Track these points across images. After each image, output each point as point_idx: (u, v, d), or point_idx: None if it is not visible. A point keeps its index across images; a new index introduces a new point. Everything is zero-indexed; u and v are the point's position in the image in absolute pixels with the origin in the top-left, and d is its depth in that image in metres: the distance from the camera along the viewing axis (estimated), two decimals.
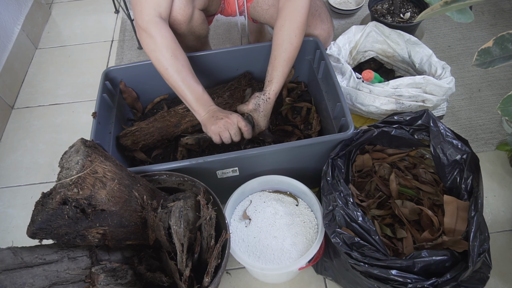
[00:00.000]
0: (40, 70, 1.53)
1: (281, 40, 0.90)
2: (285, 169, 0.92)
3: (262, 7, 1.06)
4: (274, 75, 0.91)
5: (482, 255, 0.65)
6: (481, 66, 0.59)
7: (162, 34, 0.84)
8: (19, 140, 1.32)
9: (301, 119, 1.10)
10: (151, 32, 0.84)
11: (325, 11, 1.07)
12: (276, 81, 0.91)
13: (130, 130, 1.00)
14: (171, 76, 0.86)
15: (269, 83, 0.92)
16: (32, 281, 0.60)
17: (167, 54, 0.84)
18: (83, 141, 0.63)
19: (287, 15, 0.90)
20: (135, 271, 0.72)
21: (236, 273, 0.99)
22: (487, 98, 1.28)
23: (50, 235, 0.59)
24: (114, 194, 0.64)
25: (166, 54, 0.84)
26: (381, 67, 1.25)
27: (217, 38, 1.57)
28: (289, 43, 0.90)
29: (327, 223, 0.76)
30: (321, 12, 1.05)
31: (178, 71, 0.85)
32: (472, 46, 1.44)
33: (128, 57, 1.53)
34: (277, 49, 0.91)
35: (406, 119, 0.84)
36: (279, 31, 0.91)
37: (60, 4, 1.81)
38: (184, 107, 1.02)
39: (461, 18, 0.59)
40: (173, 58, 0.85)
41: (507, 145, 1.14)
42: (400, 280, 0.65)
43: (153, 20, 0.84)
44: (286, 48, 0.90)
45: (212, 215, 0.73)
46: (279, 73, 0.91)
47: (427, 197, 0.89)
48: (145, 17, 0.83)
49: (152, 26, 0.84)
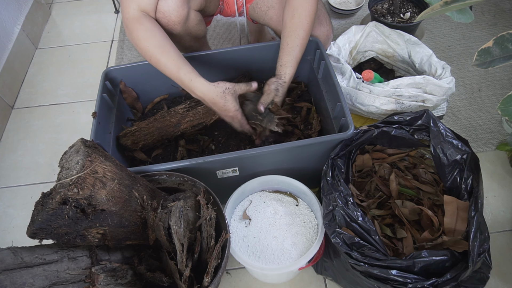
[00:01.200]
0: (40, 70, 1.53)
1: (294, 27, 0.90)
2: (285, 169, 0.92)
3: (262, 9, 1.06)
4: (288, 59, 0.91)
5: (482, 255, 0.65)
6: (481, 66, 0.59)
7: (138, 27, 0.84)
8: (19, 140, 1.32)
9: (301, 119, 1.09)
10: (130, 27, 0.84)
11: (324, 14, 1.07)
12: (290, 65, 0.91)
13: (130, 130, 1.00)
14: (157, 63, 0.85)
15: (282, 67, 0.92)
16: (32, 281, 0.60)
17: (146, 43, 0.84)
18: (83, 141, 0.63)
19: (298, 4, 0.90)
20: (135, 271, 0.72)
21: (236, 273, 0.99)
22: (487, 98, 1.28)
23: (50, 235, 0.59)
24: (114, 194, 0.64)
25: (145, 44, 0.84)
26: (381, 67, 1.25)
27: (217, 38, 1.57)
28: (301, 29, 0.90)
29: (327, 223, 0.76)
30: (320, 14, 1.05)
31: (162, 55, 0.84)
32: (472, 46, 1.44)
33: (128, 57, 1.53)
34: (289, 35, 0.91)
35: (406, 119, 0.84)
36: (291, 19, 0.91)
37: (60, 4, 1.81)
38: (184, 107, 1.02)
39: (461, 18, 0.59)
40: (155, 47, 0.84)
41: (507, 145, 1.14)
42: (400, 280, 0.65)
43: (133, 16, 0.84)
44: (299, 34, 0.90)
45: (212, 215, 0.73)
46: (293, 58, 0.91)
47: (427, 197, 0.89)
48: (126, 15, 0.85)
49: (130, 22, 0.84)
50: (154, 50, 0.84)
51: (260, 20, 1.10)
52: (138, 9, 0.85)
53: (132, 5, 0.84)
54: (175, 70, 0.84)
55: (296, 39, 0.91)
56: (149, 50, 0.84)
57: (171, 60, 0.84)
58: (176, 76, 0.85)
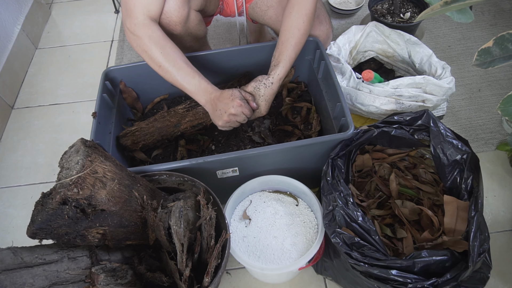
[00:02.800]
0: (40, 70, 1.53)
1: (289, 26, 0.89)
2: (285, 169, 0.92)
3: (261, 8, 1.06)
4: (280, 59, 0.90)
5: (482, 255, 0.65)
6: (481, 66, 0.59)
7: (149, 34, 0.84)
8: (19, 140, 1.32)
9: (301, 119, 1.10)
10: (138, 34, 0.84)
11: (324, 13, 1.07)
12: (282, 65, 0.90)
13: (130, 130, 1.00)
14: (166, 73, 0.86)
15: (274, 67, 0.90)
16: (32, 281, 0.60)
17: (156, 52, 0.85)
18: (83, 141, 0.63)
19: (296, 2, 0.89)
20: (135, 271, 0.72)
21: (236, 273, 0.99)
22: (487, 98, 1.28)
23: (50, 235, 0.59)
24: (114, 194, 0.64)
25: (156, 52, 0.85)
26: (381, 67, 1.25)
27: (217, 38, 1.57)
28: (296, 28, 0.89)
29: (327, 223, 0.76)
30: (320, 13, 1.05)
31: (171, 66, 0.85)
32: (472, 46, 1.44)
33: (128, 57, 1.53)
34: (284, 34, 0.90)
35: (406, 119, 0.84)
36: (287, 17, 0.90)
37: (60, 4, 1.81)
38: (184, 107, 1.02)
39: (461, 18, 0.59)
40: (163, 55, 0.85)
41: (507, 145, 1.14)
42: (400, 280, 0.65)
43: (142, 23, 0.84)
44: (294, 33, 0.89)
45: (212, 215, 0.73)
46: (286, 58, 0.90)
47: (427, 197, 0.89)
48: (134, 21, 0.84)
49: (139, 28, 0.84)
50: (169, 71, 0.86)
51: (259, 20, 1.10)
52: (148, 15, 0.85)
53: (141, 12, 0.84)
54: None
55: (291, 39, 0.89)
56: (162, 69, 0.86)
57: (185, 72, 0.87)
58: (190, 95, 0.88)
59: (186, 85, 0.86)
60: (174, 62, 0.85)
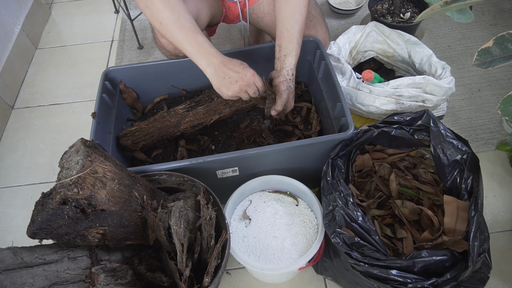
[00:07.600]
0: (40, 70, 1.53)
1: (291, 12, 0.84)
2: (285, 169, 0.92)
3: (258, 15, 1.06)
4: (291, 47, 0.84)
5: (482, 255, 0.65)
6: (481, 66, 0.59)
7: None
8: (19, 140, 1.32)
9: (301, 119, 1.09)
10: None
11: (320, 21, 1.05)
12: (295, 53, 0.85)
13: (130, 130, 1.00)
14: (166, 31, 0.79)
15: (286, 57, 0.85)
16: (32, 281, 0.60)
17: (159, 6, 0.77)
18: (83, 141, 0.63)
19: None
20: (135, 271, 0.72)
21: (236, 273, 0.99)
22: (487, 98, 1.28)
23: (50, 235, 0.59)
24: (114, 194, 0.64)
25: (158, 6, 0.77)
26: (381, 67, 1.25)
27: (217, 38, 1.57)
28: (299, 14, 0.84)
29: (327, 223, 0.76)
30: (316, 23, 1.04)
31: (172, 23, 0.78)
32: (472, 46, 1.44)
33: (128, 57, 1.53)
34: (287, 21, 0.85)
35: (406, 119, 0.84)
36: (284, 6, 0.85)
37: (60, 4, 1.81)
38: (184, 107, 1.02)
39: (461, 18, 0.59)
40: (165, 10, 0.77)
41: (507, 145, 1.14)
42: (400, 280, 0.65)
43: None
44: (298, 19, 0.84)
45: (212, 215, 0.73)
46: (296, 45, 0.85)
47: (427, 197, 0.89)
48: None
49: None
50: (170, 28, 0.78)
51: (256, 25, 1.11)
52: None
53: None
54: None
55: (296, 25, 0.84)
56: (162, 26, 0.79)
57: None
58: (191, 58, 0.81)
59: (186, 46, 0.79)
60: (176, 20, 0.78)
